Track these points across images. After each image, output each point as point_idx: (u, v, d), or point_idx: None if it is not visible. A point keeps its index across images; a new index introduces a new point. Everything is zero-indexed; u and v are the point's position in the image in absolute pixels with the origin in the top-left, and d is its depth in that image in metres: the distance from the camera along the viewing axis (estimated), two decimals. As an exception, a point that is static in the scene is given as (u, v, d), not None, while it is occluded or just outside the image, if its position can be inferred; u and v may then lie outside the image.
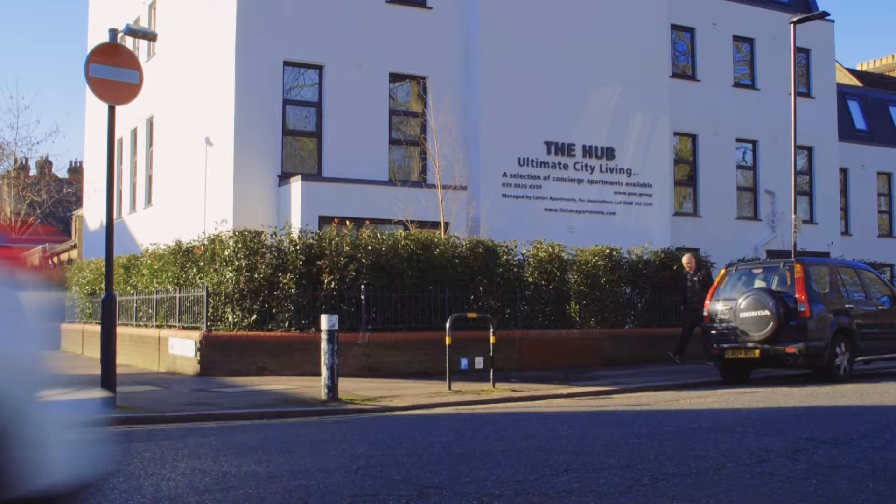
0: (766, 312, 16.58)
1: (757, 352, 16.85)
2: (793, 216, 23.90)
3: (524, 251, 21.05)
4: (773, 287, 17.34)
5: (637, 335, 22.20)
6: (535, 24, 27.10)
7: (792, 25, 24.31)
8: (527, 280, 20.73)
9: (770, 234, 33.78)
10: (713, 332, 17.64)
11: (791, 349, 16.57)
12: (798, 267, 17.17)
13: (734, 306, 17.17)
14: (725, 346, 17.30)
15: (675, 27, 32.55)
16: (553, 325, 20.81)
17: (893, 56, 57.86)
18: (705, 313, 18.08)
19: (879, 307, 18.58)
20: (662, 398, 14.71)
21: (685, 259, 21.17)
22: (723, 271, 18.51)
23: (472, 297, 19.37)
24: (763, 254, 32.45)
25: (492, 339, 16.25)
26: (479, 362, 16.96)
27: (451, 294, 18.94)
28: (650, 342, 22.19)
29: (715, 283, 18.41)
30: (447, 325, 15.65)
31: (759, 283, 17.72)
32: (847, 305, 17.66)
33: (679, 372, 19.19)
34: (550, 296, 20.89)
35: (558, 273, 20.98)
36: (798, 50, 29.72)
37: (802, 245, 26.12)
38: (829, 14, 25.35)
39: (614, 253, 22.08)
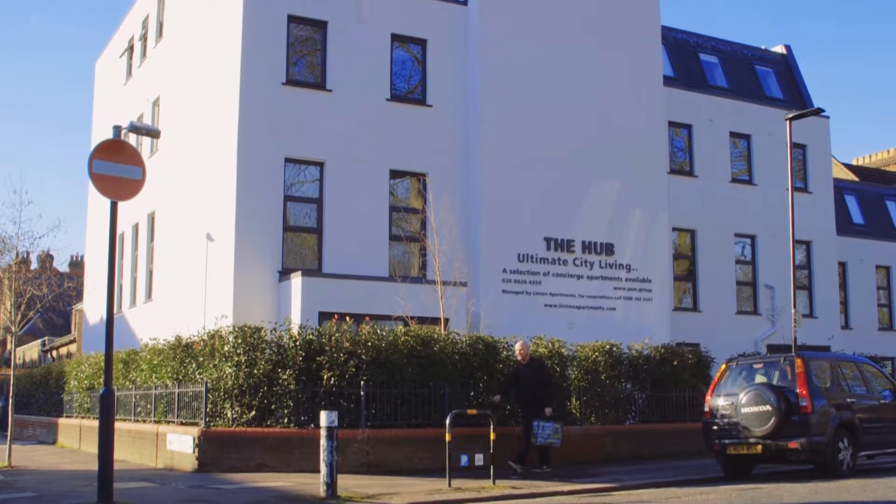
0: (768, 407, 16.50)
1: (759, 447, 16.73)
2: (792, 310, 23.90)
3: (524, 347, 20.95)
4: (774, 382, 17.28)
5: (638, 431, 22.03)
6: (535, 121, 27.41)
7: (788, 122, 24.60)
8: (527, 376, 20.61)
9: (770, 328, 33.73)
10: (714, 427, 17.54)
11: (793, 444, 16.45)
12: (799, 361, 17.14)
13: (735, 401, 17.10)
14: (727, 441, 17.19)
15: (672, 124, 32.92)
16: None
17: (889, 151, 58.42)
18: (706, 409, 17.98)
19: (881, 401, 18.49)
20: (664, 495, 14.57)
21: (518, 346, 18.72)
22: (723, 366, 18.45)
23: (472, 393, 19.25)
24: (763, 348, 32.41)
25: (492, 436, 16.18)
26: (479, 459, 16.83)
27: (451, 390, 18.82)
28: (651, 438, 22.02)
29: (715, 379, 18.34)
30: (447, 421, 15.59)
31: (759, 378, 17.66)
32: (849, 400, 17.57)
33: (680, 468, 19.03)
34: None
35: (558, 369, 20.87)
36: (794, 145, 30.06)
37: (803, 339, 26.10)
38: (824, 110, 25.65)
39: (614, 349, 22.02)
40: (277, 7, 25.40)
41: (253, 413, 17.88)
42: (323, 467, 13.62)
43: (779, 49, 39.42)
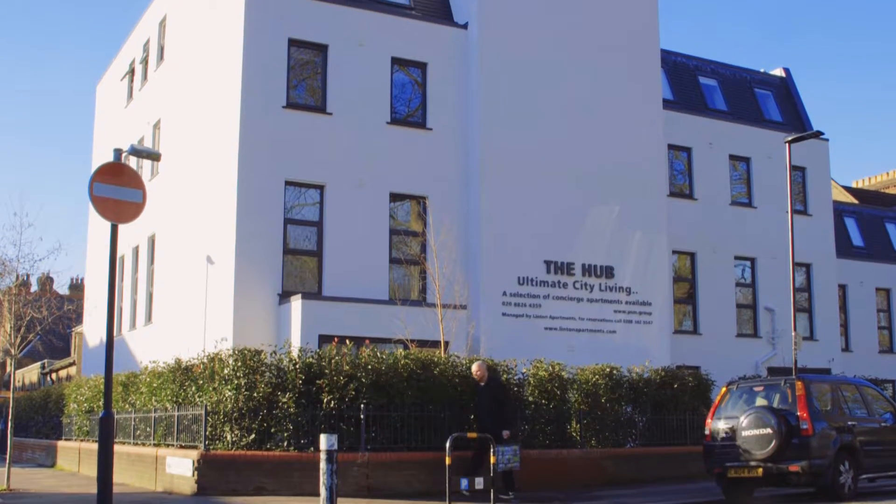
0: (769, 430, 16.45)
1: (760, 470, 16.67)
2: (793, 333, 23.89)
3: (524, 370, 20.91)
4: (775, 405, 17.24)
5: (639, 455, 21.96)
6: (534, 145, 27.45)
7: (787, 144, 24.64)
8: (527, 399, 20.57)
9: (770, 351, 33.70)
10: (715, 450, 17.49)
11: (794, 467, 16.40)
12: (799, 384, 17.10)
13: (736, 424, 17.06)
14: (728, 464, 17.13)
15: (672, 147, 32.99)
16: (554, 445, 20.60)
17: (888, 173, 58.52)
18: (706, 432, 17.93)
19: (882, 424, 18.45)
20: (665, 519, 14.53)
21: (474, 367, 18.46)
22: (724, 389, 18.42)
23: (473, 416, 19.20)
24: (764, 371, 32.37)
25: (492, 459, 16.13)
26: (479, 482, 16.77)
27: (452, 413, 18.76)
28: (652, 461, 21.95)
29: (716, 402, 18.30)
30: (447, 444, 15.54)
31: (760, 401, 17.62)
32: (850, 423, 17.53)
33: (681, 491, 18.99)
34: (551, 415, 20.72)
35: (558, 392, 20.83)
36: (794, 168, 30.09)
37: (803, 362, 26.07)
38: (823, 133, 25.71)
39: (614, 371, 21.97)
40: (278, 31, 25.48)
41: (252, 436, 17.83)
42: (322, 490, 13.58)
43: (778, 72, 39.58)
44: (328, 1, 26.31)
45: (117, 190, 13.00)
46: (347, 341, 18.89)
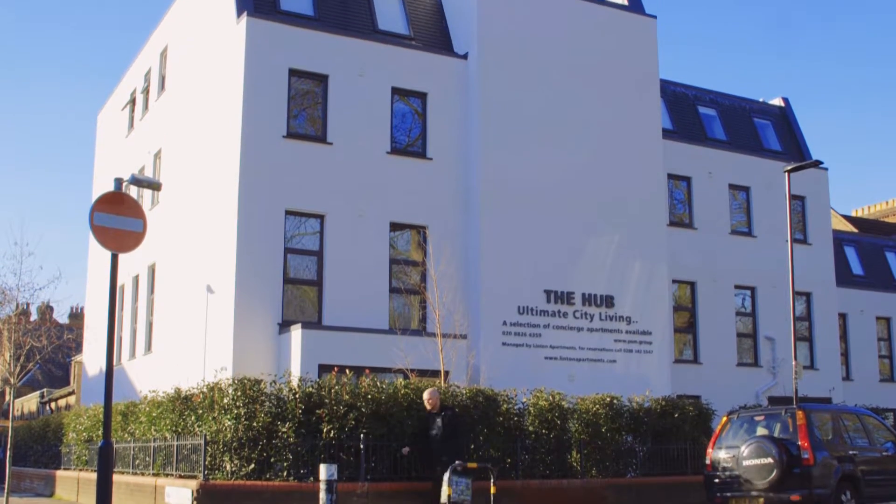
0: (770, 460, 16.43)
1: (761, 500, 16.66)
2: (793, 362, 23.88)
3: (524, 400, 20.89)
4: (776, 434, 17.24)
5: (639, 484, 21.87)
6: (535, 173, 27.47)
7: (787, 174, 24.70)
8: (527, 429, 20.52)
9: (771, 380, 33.65)
10: (716, 480, 17.47)
11: (796, 497, 16.37)
12: (800, 413, 17.09)
13: (737, 454, 17.04)
14: (729, 494, 17.11)
15: (671, 176, 33.06)
16: (554, 475, 20.53)
17: (887, 202, 58.64)
18: (707, 461, 17.89)
19: (884, 453, 18.43)
20: (666, 549, 14.47)
21: (426, 395, 17.90)
22: (724, 419, 18.41)
23: (473, 446, 19.15)
24: (764, 400, 32.32)
25: (492, 490, 16.10)
26: (479, 512, 16.72)
27: (452, 443, 18.71)
28: (653, 491, 21.87)
29: (717, 431, 18.30)
30: (446, 475, 15.49)
31: (761, 431, 17.60)
32: (851, 452, 17.51)
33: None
34: (551, 445, 20.66)
35: (559, 422, 20.79)
36: (793, 197, 30.14)
37: (804, 391, 26.03)
38: (822, 162, 25.80)
39: (615, 401, 21.92)
40: (279, 61, 25.58)
41: (252, 466, 17.77)
42: (322, 521, 13.54)
43: (777, 101, 39.72)
44: (329, 31, 26.47)
45: (118, 219, 13.04)
46: (347, 371, 18.87)
